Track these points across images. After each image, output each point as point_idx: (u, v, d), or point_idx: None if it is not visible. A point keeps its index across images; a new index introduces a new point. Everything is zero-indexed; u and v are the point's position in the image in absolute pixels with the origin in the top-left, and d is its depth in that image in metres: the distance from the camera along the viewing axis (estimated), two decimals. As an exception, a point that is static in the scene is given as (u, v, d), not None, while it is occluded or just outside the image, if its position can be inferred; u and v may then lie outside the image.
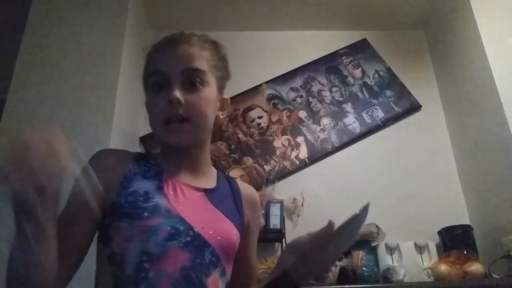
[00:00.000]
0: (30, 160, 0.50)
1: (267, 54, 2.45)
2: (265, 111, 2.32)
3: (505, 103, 1.79)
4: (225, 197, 0.81)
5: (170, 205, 0.69)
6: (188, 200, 0.73)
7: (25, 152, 0.50)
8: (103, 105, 1.70)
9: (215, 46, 0.84)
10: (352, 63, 2.49)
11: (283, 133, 2.26)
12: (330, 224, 0.67)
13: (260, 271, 1.61)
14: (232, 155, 2.18)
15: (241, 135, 2.24)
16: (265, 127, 2.27)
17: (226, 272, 0.73)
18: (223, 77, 0.84)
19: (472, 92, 2.05)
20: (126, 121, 1.89)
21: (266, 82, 2.38)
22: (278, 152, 2.20)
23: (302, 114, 2.32)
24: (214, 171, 0.86)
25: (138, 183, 0.71)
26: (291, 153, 2.20)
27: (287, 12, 2.43)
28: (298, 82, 2.41)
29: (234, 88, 2.33)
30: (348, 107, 2.34)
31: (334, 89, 2.41)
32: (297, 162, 2.17)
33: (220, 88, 0.83)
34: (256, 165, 2.16)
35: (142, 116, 2.20)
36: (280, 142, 2.23)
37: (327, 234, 0.67)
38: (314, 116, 2.32)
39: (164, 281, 0.63)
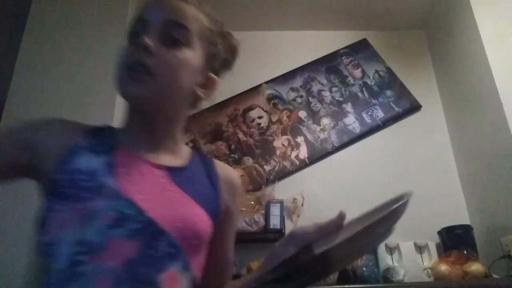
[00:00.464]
0: None
1: (267, 54, 2.45)
2: (265, 111, 2.32)
3: (505, 103, 1.79)
4: (197, 179, 0.69)
5: (118, 185, 0.58)
6: (144, 180, 0.61)
7: None
8: (103, 105, 1.70)
9: (221, 29, 0.75)
10: (352, 63, 2.49)
11: (283, 133, 2.26)
12: (341, 215, 0.59)
13: (260, 271, 1.60)
14: (232, 155, 2.18)
15: (241, 135, 2.24)
16: (265, 127, 2.27)
17: (191, 265, 0.61)
18: (217, 56, 0.73)
19: (472, 92, 2.05)
20: (126, 121, 1.89)
21: (266, 82, 2.38)
22: (278, 152, 2.20)
23: (302, 114, 2.32)
24: (186, 149, 0.74)
25: (83, 158, 0.59)
26: (291, 153, 2.20)
27: (287, 12, 2.43)
28: (298, 82, 2.42)
29: (234, 88, 2.33)
30: (348, 107, 2.34)
31: (334, 89, 2.41)
32: (297, 162, 2.17)
33: (209, 65, 0.71)
34: (256, 165, 2.16)
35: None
36: (280, 142, 2.23)
37: (337, 226, 0.59)
38: (314, 116, 2.32)
39: (102, 277, 0.52)
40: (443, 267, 1.66)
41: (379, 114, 2.31)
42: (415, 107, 2.34)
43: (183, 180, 0.66)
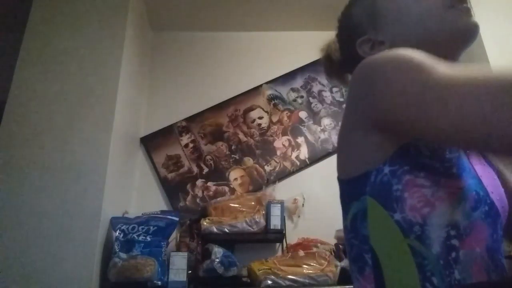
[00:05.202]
0: None
1: (267, 54, 2.45)
2: (266, 112, 2.32)
3: (506, 103, 1.79)
4: None
5: (470, 161, 0.52)
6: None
7: None
8: (103, 105, 1.70)
9: None
10: (353, 63, 2.49)
11: (284, 133, 2.26)
12: None
13: (261, 271, 1.60)
14: (232, 155, 2.18)
15: (241, 136, 2.24)
16: (265, 128, 2.27)
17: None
18: None
19: (473, 92, 2.05)
20: (126, 121, 1.89)
21: (267, 83, 2.38)
22: (278, 153, 2.20)
23: (303, 114, 2.32)
24: None
25: None
26: (291, 153, 2.20)
27: (287, 12, 2.43)
28: (298, 82, 2.41)
29: (234, 88, 2.33)
30: (349, 107, 2.34)
31: (334, 89, 2.41)
32: (298, 163, 2.17)
33: None
34: (257, 165, 2.16)
35: (142, 116, 2.20)
36: (280, 142, 2.23)
37: None
38: (315, 116, 2.32)
39: (476, 265, 0.47)
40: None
41: (380, 114, 2.31)
42: (415, 108, 2.34)
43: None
